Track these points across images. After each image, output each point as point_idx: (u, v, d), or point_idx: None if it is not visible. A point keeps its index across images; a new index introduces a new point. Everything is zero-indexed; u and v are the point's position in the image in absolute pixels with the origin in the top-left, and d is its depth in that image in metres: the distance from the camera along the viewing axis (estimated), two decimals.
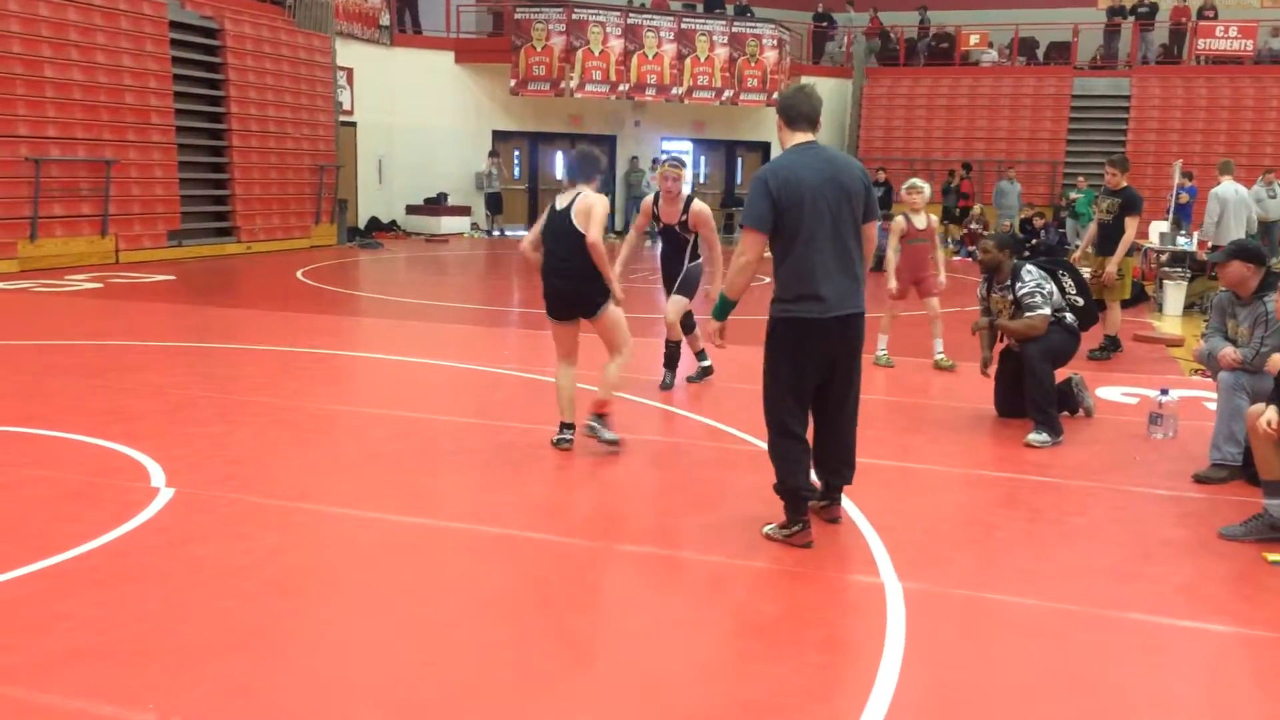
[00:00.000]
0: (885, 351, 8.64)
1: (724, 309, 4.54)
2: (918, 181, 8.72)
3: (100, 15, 14.69)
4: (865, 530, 4.67)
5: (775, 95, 23.16)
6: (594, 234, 5.46)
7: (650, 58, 22.36)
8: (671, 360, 7.54)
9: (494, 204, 22.65)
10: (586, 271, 5.55)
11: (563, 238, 5.57)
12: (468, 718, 3.04)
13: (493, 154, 22.95)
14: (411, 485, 5.27)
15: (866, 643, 3.58)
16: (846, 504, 4.93)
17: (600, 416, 5.86)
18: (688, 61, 22.58)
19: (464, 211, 22.95)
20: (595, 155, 5.78)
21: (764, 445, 4.63)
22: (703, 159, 25.88)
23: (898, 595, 3.95)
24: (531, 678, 3.28)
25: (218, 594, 3.87)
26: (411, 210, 22.55)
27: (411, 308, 11.64)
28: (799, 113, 4.39)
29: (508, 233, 22.70)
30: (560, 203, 5.67)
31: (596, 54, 22.07)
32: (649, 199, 7.36)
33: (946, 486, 5.50)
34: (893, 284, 8.53)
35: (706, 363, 7.81)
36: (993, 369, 6.95)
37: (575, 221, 5.52)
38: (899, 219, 8.52)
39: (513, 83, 22.37)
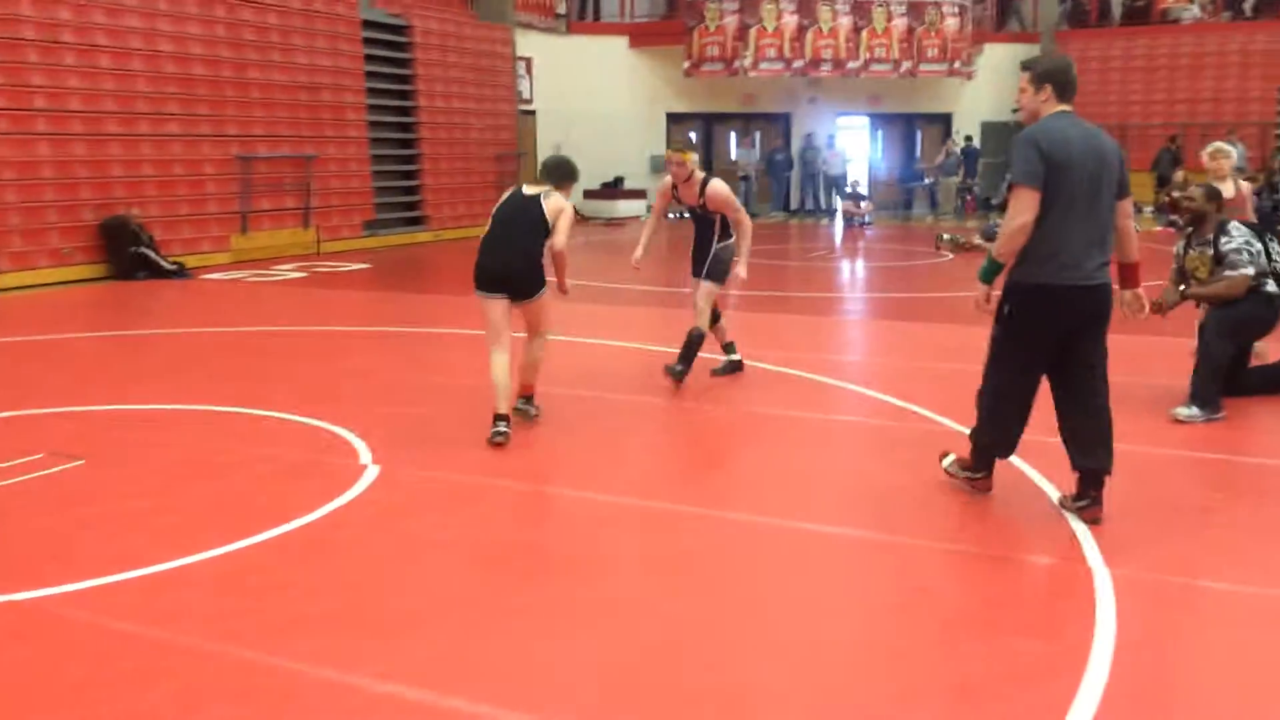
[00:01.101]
0: None
1: (992, 273, 4.40)
2: (1223, 145, 7.41)
3: (299, 18, 15.50)
4: (1067, 514, 4.49)
5: (959, 65, 22.43)
6: (560, 241, 5.74)
7: (825, 32, 21.99)
8: (690, 352, 6.85)
9: None
10: (537, 258, 5.80)
11: (526, 223, 5.77)
12: (668, 686, 3.10)
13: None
14: (604, 461, 5.38)
15: (1076, 629, 3.44)
16: (1044, 483, 4.76)
17: (528, 398, 6.10)
18: (864, 34, 22.10)
19: (640, 195, 23.17)
20: (572, 166, 5.99)
21: (954, 425, 4.52)
22: (880, 133, 25.29)
23: (1106, 581, 3.79)
24: (728, 650, 3.31)
25: (426, 566, 4.06)
26: (589, 195, 22.91)
27: (592, 290, 11.85)
28: (1069, 81, 4.38)
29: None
30: (528, 190, 5.88)
31: (770, 31, 21.86)
32: (667, 181, 7.01)
33: (1151, 467, 5.23)
34: None
35: (735, 356, 7.26)
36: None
37: (547, 213, 5.73)
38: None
39: (686, 64, 22.42)
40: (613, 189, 22.90)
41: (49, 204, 12.33)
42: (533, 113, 21.73)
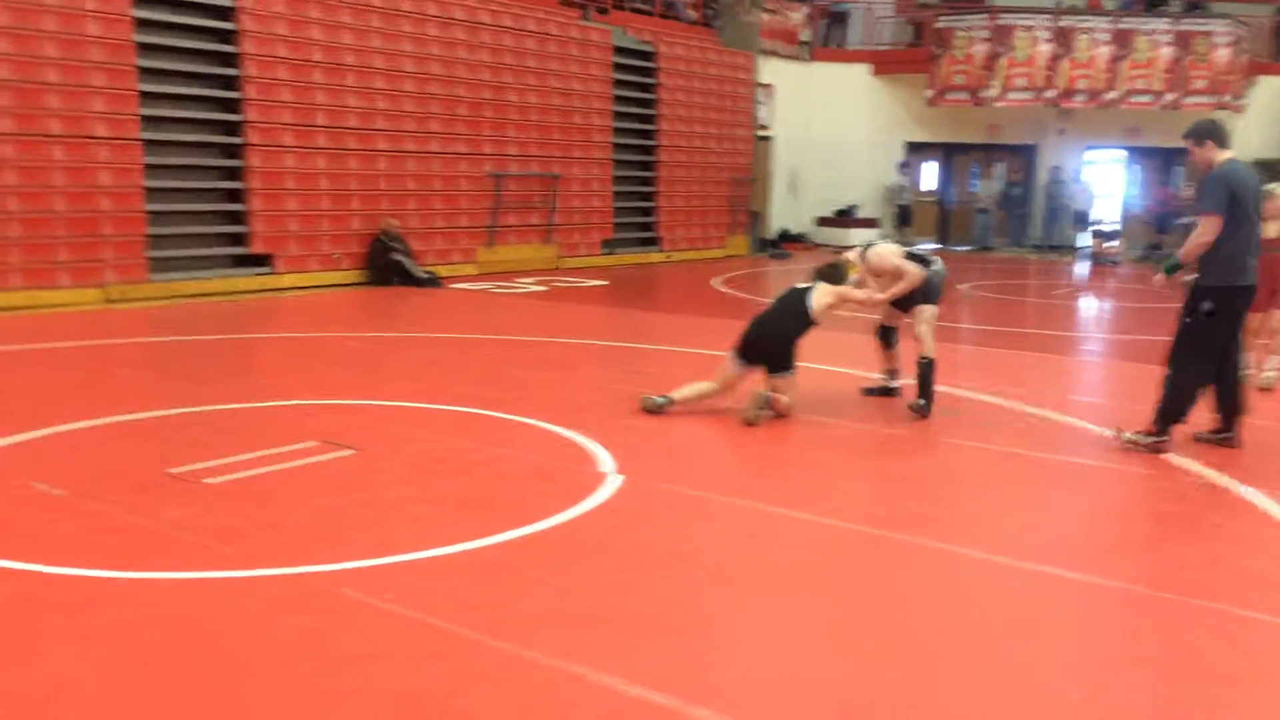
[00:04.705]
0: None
1: (1174, 269, 6.09)
2: (1274, 187, 7.96)
3: (555, 43, 16.21)
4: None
5: (1229, 98, 20.99)
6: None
7: (1082, 61, 21.04)
8: (927, 384, 6.90)
9: (904, 216, 22.36)
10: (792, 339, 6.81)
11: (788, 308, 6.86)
12: (897, 715, 3.05)
13: (903, 165, 22.69)
14: (829, 490, 5.34)
15: None
16: None
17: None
18: (1124, 64, 21.00)
19: (872, 224, 22.84)
20: (840, 271, 6.95)
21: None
22: (1137, 167, 23.92)
23: None
24: (966, 689, 3.22)
25: (665, 575, 4.15)
26: (821, 222, 22.80)
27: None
28: (1224, 132, 5.97)
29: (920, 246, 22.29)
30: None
31: (1022, 60, 21.12)
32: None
33: None
34: None
35: (895, 384, 7.39)
36: None
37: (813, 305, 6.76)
38: None
39: (929, 93, 21.96)
40: (845, 216, 22.68)
41: (323, 213, 13.38)
42: (770, 139, 21.83)
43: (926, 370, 6.85)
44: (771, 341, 6.73)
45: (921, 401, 6.82)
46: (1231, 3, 23.50)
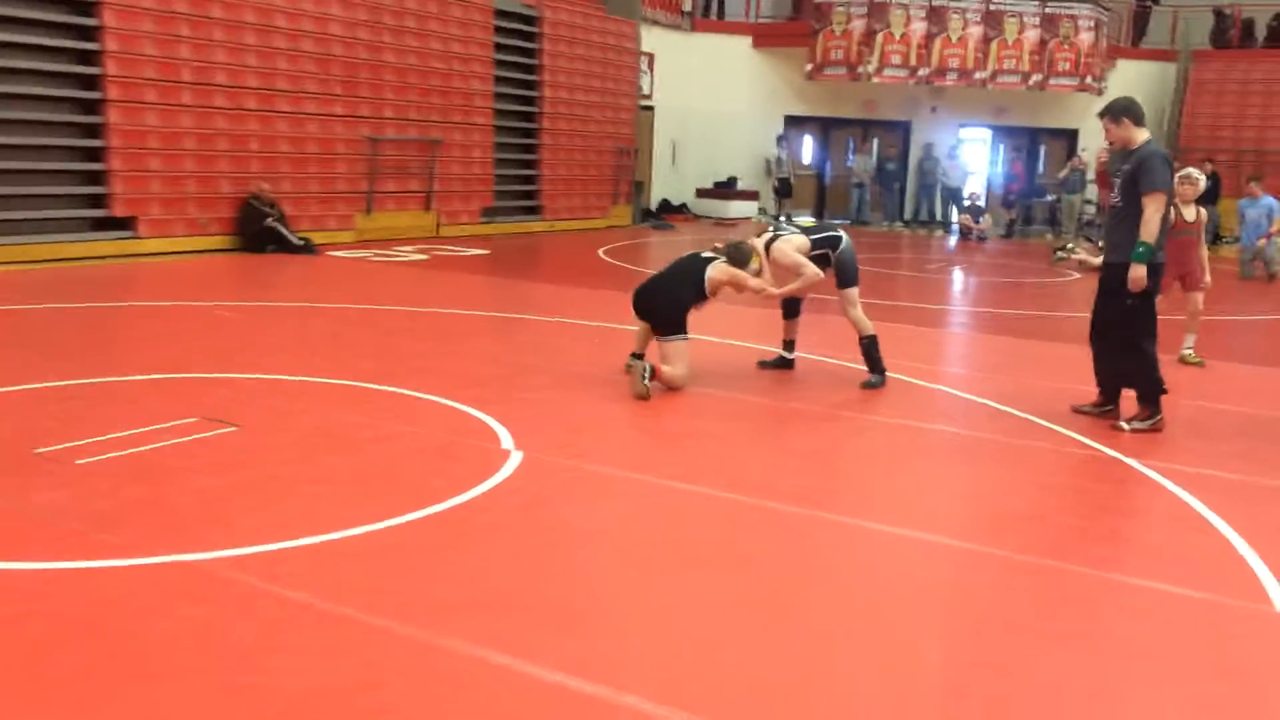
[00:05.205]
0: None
1: (1148, 254, 5.90)
2: (1193, 171, 8.40)
3: (435, 4, 15.73)
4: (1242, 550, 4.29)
5: (1090, 80, 21.79)
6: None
7: (954, 41, 21.56)
8: (875, 360, 7.03)
9: (784, 189, 22.60)
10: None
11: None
12: (846, 705, 3.02)
13: (782, 138, 22.92)
14: (729, 464, 5.31)
15: (1268, 675, 3.27)
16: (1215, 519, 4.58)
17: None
18: (994, 44, 21.60)
19: (752, 196, 23.03)
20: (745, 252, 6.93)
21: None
22: (1002, 146, 24.69)
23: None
24: (852, 654, 3.22)
25: (574, 556, 4.05)
26: (701, 194, 22.87)
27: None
28: (1141, 111, 6.16)
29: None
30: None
31: (897, 37, 21.52)
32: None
33: None
34: None
35: (790, 356, 7.47)
36: None
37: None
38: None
39: (809, 67, 22.20)
40: (726, 188, 22.81)
41: (189, 174, 12.70)
42: (651, 109, 21.73)
43: (870, 347, 6.99)
44: (664, 304, 6.75)
45: (875, 378, 6.96)
46: None
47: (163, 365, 6.63)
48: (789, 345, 7.49)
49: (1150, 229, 5.86)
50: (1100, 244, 18.33)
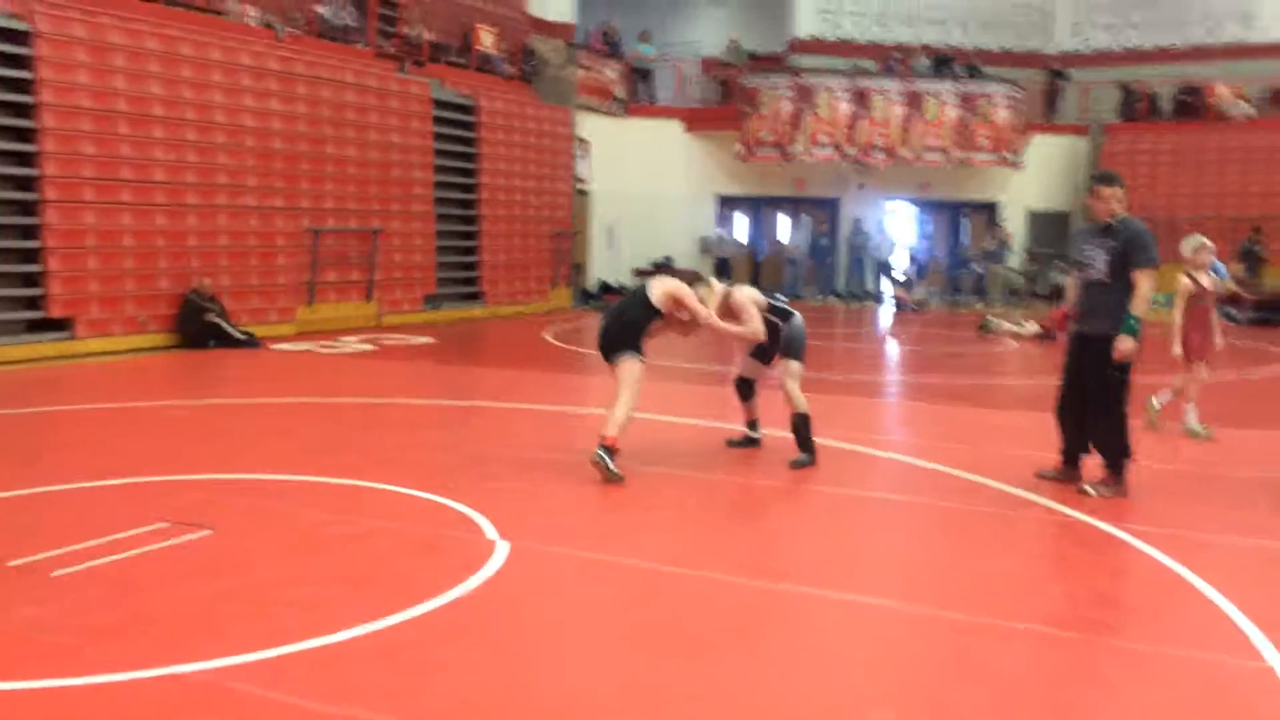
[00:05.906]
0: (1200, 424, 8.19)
1: (1138, 328, 5.99)
2: (1202, 239, 8.23)
3: (374, 96, 15.85)
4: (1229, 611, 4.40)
5: (1007, 155, 22.60)
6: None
7: (879, 120, 22.28)
8: (805, 439, 6.99)
9: (722, 267, 22.95)
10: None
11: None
12: None
13: (721, 218, 23.38)
14: (718, 545, 5.32)
15: None
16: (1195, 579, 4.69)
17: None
18: (916, 123, 22.36)
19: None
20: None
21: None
22: (930, 221, 25.44)
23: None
24: None
25: (578, 648, 4.00)
26: (639, 274, 23.08)
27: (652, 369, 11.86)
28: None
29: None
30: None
31: (825, 119, 22.17)
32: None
33: None
34: (1178, 349, 8.11)
35: (756, 435, 7.49)
36: None
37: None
38: (1186, 280, 8.11)
39: (740, 149, 22.71)
40: (661, 269, 23.06)
41: (128, 273, 12.52)
42: (587, 193, 22.01)
43: (801, 425, 6.94)
44: (617, 326, 6.79)
45: (804, 457, 6.93)
46: (1005, 68, 25.46)
47: (121, 469, 6.46)
48: (753, 425, 7.54)
49: (1144, 304, 5.97)
50: (1020, 314, 18.93)
